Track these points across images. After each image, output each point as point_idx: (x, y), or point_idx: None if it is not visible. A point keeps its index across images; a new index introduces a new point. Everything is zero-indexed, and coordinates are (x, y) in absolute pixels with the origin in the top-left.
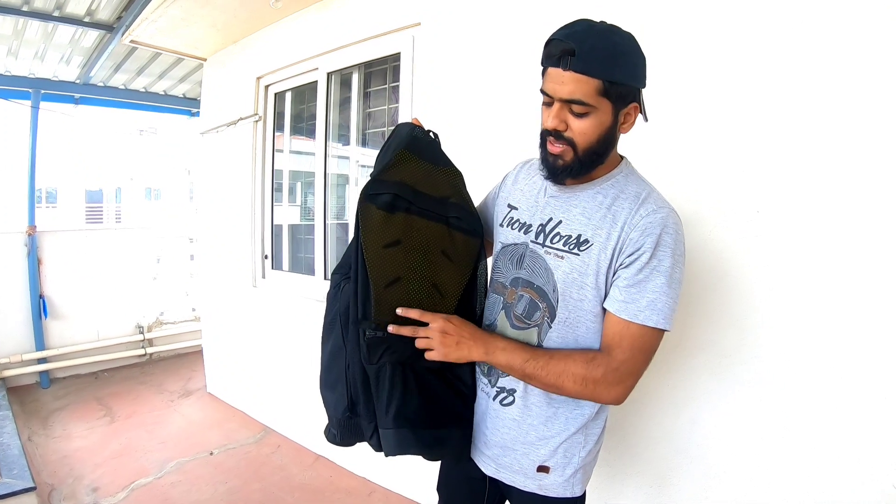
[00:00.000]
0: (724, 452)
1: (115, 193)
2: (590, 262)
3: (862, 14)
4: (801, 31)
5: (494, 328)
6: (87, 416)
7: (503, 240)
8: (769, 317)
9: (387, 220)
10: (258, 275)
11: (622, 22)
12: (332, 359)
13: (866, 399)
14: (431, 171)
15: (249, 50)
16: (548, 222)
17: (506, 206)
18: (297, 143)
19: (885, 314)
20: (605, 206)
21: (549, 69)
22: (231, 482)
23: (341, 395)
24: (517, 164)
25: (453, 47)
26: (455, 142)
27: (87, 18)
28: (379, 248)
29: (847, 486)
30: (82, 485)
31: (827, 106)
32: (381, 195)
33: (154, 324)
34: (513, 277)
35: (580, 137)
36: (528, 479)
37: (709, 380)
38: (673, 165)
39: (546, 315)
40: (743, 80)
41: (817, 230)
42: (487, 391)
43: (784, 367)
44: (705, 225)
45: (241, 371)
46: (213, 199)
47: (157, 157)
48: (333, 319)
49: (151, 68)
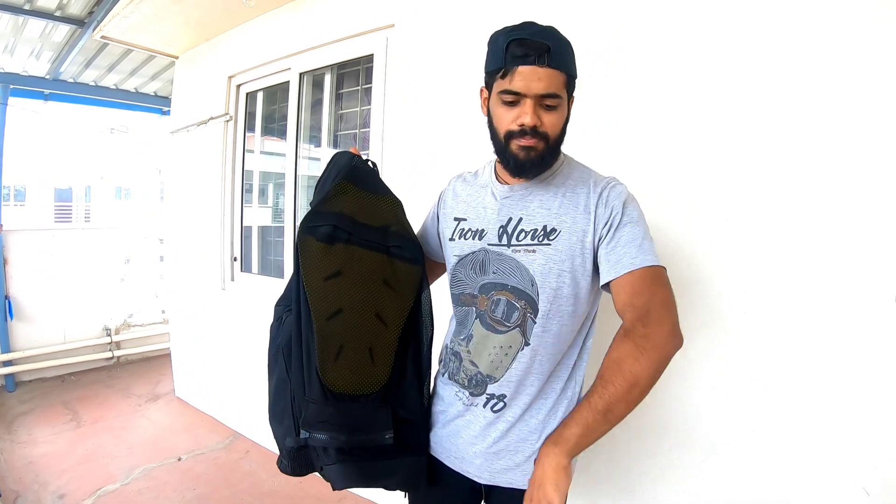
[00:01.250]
0: (695, 456)
1: (84, 192)
2: (562, 248)
3: (825, 26)
4: (768, 42)
5: (471, 338)
6: (53, 421)
7: (458, 252)
8: (738, 322)
9: (326, 251)
10: (227, 277)
11: (602, 24)
12: (278, 392)
13: (835, 404)
14: (371, 201)
15: (222, 48)
16: (508, 223)
17: (452, 221)
18: (269, 144)
19: (852, 318)
20: (560, 195)
21: (518, 68)
22: (199, 489)
23: (288, 427)
24: (450, 181)
25: (427, 49)
26: (430, 143)
27: (58, 12)
28: (320, 281)
29: (818, 491)
30: (48, 491)
31: (794, 114)
32: (320, 227)
33: (122, 326)
34: (481, 284)
35: (552, 130)
36: (527, 475)
37: (678, 383)
38: (644, 173)
39: (528, 312)
40: (711, 90)
41: (787, 236)
42: (471, 402)
43: (752, 371)
44: (676, 231)
45: (210, 375)
46: (183, 199)
47: (128, 156)
48: (276, 353)
49: (122, 65)
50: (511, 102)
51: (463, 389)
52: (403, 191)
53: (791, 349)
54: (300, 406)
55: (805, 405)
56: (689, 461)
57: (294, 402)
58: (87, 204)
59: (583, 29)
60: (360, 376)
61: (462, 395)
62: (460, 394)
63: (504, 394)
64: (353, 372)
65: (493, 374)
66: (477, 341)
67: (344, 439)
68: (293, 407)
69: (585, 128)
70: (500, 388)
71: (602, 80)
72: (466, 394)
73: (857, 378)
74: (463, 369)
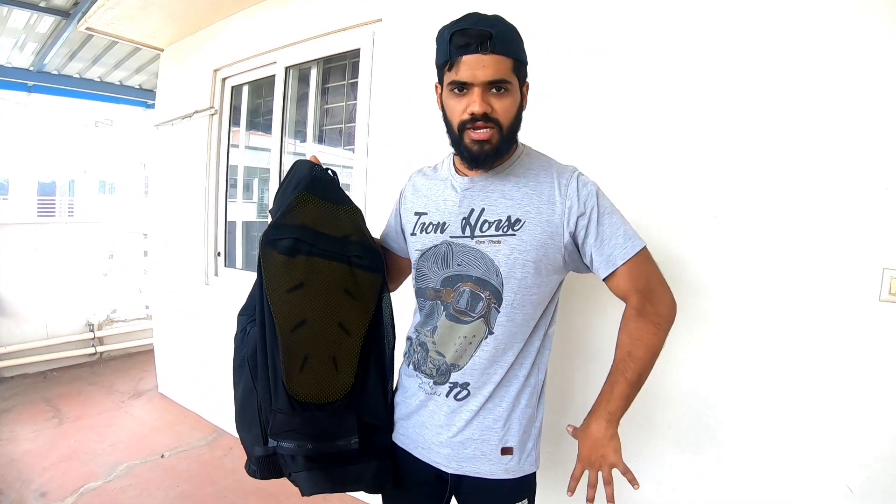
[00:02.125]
0: (681, 451)
1: (68, 186)
2: (527, 238)
3: (811, 29)
4: (758, 43)
5: (436, 330)
6: (34, 418)
7: (419, 246)
8: (724, 320)
9: (288, 264)
10: (211, 272)
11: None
12: (245, 402)
13: (819, 402)
14: (331, 211)
15: (207, 41)
16: (470, 214)
17: (413, 215)
18: (254, 139)
19: (838, 317)
20: (522, 185)
21: (462, 58)
22: (182, 486)
23: (257, 436)
24: (409, 176)
25: (414, 44)
26: (415, 138)
27: (42, 3)
28: (283, 293)
29: (802, 485)
30: (30, 489)
31: (782, 114)
32: (281, 240)
33: (105, 322)
34: (444, 277)
35: (504, 116)
36: (494, 464)
37: (662, 381)
38: (632, 172)
39: (492, 302)
40: (702, 90)
41: (774, 235)
42: (434, 391)
43: (738, 369)
44: (663, 230)
45: (194, 371)
46: (167, 193)
47: (113, 149)
48: (242, 364)
49: (107, 57)
50: (460, 93)
51: (427, 379)
52: (388, 186)
53: (777, 347)
54: (267, 415)
55: (790, 403)
56: (673, 458)
57: (261, 412)
58: (71, 198)
59: (576, 28)
60: (325, 385)
61: (425, 385)
62: (424, 384)
63: (467, 382)
64: (318, 382)
65: (458, 362)
66: (442, 332)
67: (311, 447)
68: (260, 416)
69: (579, 126)
70: (464, 377)
71: (595, 79)
72: (430, 383)
73: (842, 377)
74: (430, 359)
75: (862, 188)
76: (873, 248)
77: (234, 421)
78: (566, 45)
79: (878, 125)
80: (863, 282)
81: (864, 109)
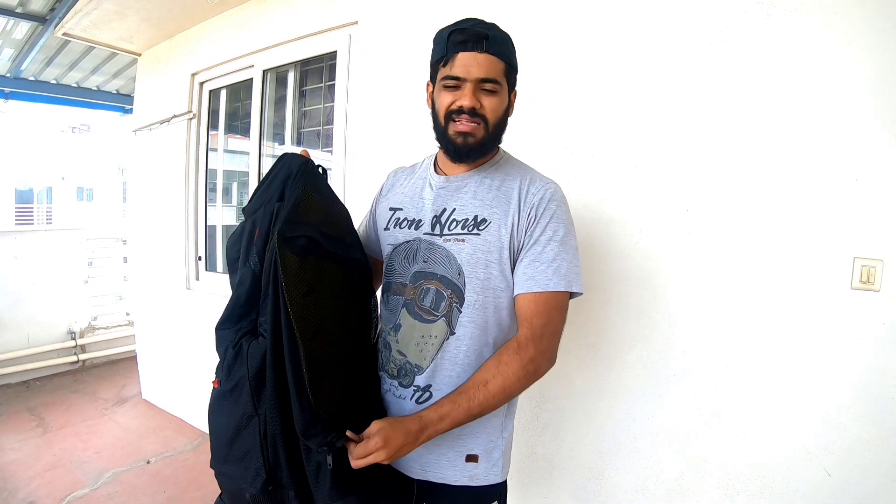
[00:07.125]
0: (659, 443)
1: (45, 193)
2: (491, 239)
3: (777, 28)
4: (726, 40)
5: (399, 327)
6: (18, 428)
7: (392, 241)
8: (698, 312)
9: (301, 266)
10: (192, 276)
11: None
12: (237, 431)
13: (795, 390)
14: (329, 210)
15: (185, 45)
16: (441, 213)
17: (388, 211)
18: (232, 142)
19: (811, 305)
20: (494, 188)
21: (458, 55)
22: (169, 491)
23: (257, 468)
24: (389, 174)
25: (390, 46)
26: (393, 140)
27: (19, 9)
28: (299, 298)
29: (781, 470)
30: (17, 499)
31: (752, 109)
32: (297, 238)
33: (86, 329)
34: (412, 273)
35: (491, 114)
36: (458, 471)
37: (641, 373)
38: (603, 166)
39: (454, 301)
40: (671, 85)
41: (747, 226)
42: (400, 393)
43: (713, 359)
44: (635, 224)
45: (177, 376)
46: (146, 198)
47: (90, 155)
48: (237, 387)
49: (84, 63)
50: (452, 87)
51: (392, 380)
52: (366, 188)
53: (751, 336)
54: (278, 446)
55: (764, 391)
56: (651, 449)
57: (266, 442)
58: (49, 205)
59: (558, 29)
60: (348, 400)
61: (392, 386)
62: (392, 388)
63: (430, 384)
64: (341, 397)
65: (420, 363)
66: (405, 331)
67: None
68: (263, 447)
69: (556, 123)
70: (426, 379)
71: (573, 79)
72: (396, 384)
73: (815, 364)
74: (392, 359)
75: (832, 180)
76: (844, 238)
77: (212, 454)
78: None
79: (846, 119)
80: (834, 270)
81: (834, 104)
